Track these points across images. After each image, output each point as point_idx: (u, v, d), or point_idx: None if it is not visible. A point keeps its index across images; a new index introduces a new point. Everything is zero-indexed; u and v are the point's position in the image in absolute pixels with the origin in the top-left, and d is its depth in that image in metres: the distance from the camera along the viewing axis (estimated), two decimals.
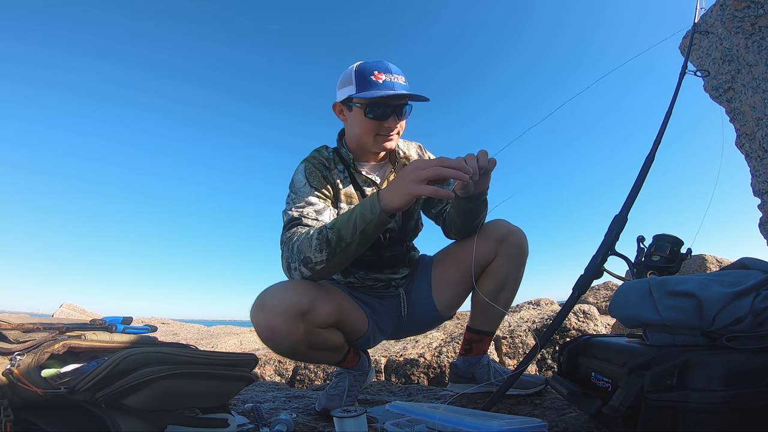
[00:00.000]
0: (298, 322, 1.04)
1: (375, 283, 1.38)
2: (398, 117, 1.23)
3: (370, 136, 1.24)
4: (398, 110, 1.22)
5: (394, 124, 1.22)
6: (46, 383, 0.79)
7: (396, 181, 0.97)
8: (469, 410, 1.00)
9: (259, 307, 1.05)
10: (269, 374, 2.75)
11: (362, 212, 0.99)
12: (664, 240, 1.11)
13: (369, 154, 1.33)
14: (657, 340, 0.82)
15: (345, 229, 1.00)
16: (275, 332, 1.04)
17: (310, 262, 1.04)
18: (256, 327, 1.06)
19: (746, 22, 1.81)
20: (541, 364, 2.53)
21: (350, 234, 0.99)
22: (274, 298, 1.05)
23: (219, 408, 1.02)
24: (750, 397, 0.67)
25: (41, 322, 1.03)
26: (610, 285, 4.47)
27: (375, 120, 1.21)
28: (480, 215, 1.26)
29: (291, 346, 1.07)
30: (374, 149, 1.28)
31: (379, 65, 1.20)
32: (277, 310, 1.03)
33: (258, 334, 1.07)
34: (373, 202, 0.98)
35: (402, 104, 1.23)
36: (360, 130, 1.24)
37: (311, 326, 1.08)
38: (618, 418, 0.74)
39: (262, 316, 1.04)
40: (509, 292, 1.34)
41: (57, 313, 6.05)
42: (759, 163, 1.91)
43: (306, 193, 1.20)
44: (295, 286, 1.07)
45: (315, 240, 1.02)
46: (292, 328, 1.04)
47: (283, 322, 1.03)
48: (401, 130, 1.29)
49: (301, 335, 1.06)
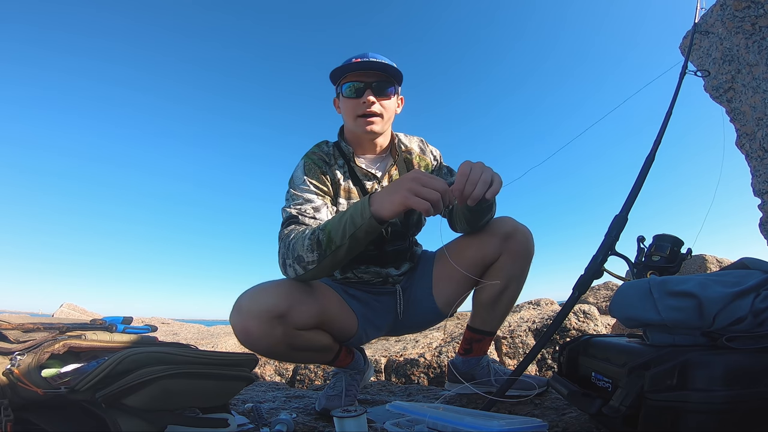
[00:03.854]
0: (274, 324, 1.04)
1: (372, 278, 1.36)
2: (375, 93, 1.21)
3: (351, 117, 1.24)
4: (374, 87, 1.21)
5: (369, 99, 1.20)
6: (46, 383, 0.79)
7: (391, 188, 0.95)
8: (469, 410, 1.00)
9: (236, 310, 1.06)
10: (269, 374, 2.75)
11: (353, 216, 0.97)
12: (664, 240, 1.11)
13: (366, 145, 1.32)
14: (657, 340, 0.82)
15: (335, 231, 0.99)
16: (250, 335, 1.04)
17: (303, 261, 1.03)
18: (233, 329, 1.07)
19: (746, 22, 1.81)
20: (541, 364, 2.53)
21: (340, 237, 0.98)
22: (250, 301, 1.05)
23: (219, 408, 1.02)
24: (750, 397, 0.67)
25: (41, 321, 1.03)
26: (610, 285, 4.46)
27: (351, 98, 1.22)
28: (486, 216, 1.25)
29: (269, 348, 1.07)
30: (358, 131, 1.26)
31: (360, 54, 1.24)
32: (252, 314, 1.03)
33: (236, 337, 1.07)
34: (363, 207, 0.96)
35: (378, 81, 1.22)
36: (345, 114, 1.27)
37: (289, 329, 1.07)
38: (618, 418, 0.74)
39: (238, 319, 1.05)
40: (512, 293, 1.32)
41: (57, 313, 6.05)
42: (759, 163, 1.91)
43: (304, 190, 1.20)
44: (276, 289, 1.07)
45: (308, 240, 1.02)
46: (269, 330, 1.04)
47: (258, 325, 1.03)
48: (385, 113, 1.25)
49: (278, 338, 1.06)
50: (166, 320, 5.96)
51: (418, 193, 0.90)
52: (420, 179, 0.91)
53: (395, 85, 1.27)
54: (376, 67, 1.21)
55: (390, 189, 0.95)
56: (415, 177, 0.92)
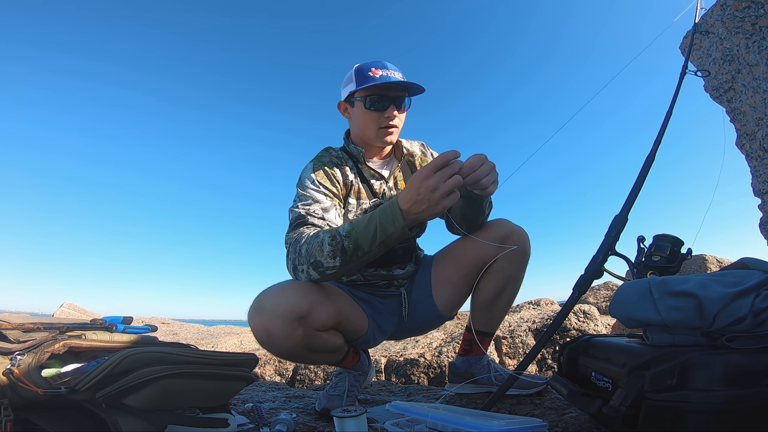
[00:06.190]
0: (296, 325, 1.03)
1: (378, 281, 1.37)
2: (397, 108, 1.26)
3: (372, 128, 1.27)
4: (397, 101, 1.26)
5: (393, 115, 1.25)
6: (46, 383, 0.79)
7: (420, 194, 0.90)
8: (469, 410, 1.00)
9: (257, 310, 1.04)
10: (269, 374, 2.75)
11: (383, 223, 0.95)
12: (664, 240, 1.11)
13: (374, 150, 1.35)
14: (657, 340, 0.82)
15: (363, 238, 0.97)
16: (273, 336, 1.03)
17: (321, 266, 1.01)
18: (253, 330, 1.05)
19: (747, 22, 1.81)
20: (541, 364, 2.53)
21: (369, 244, 0.97)
22: (272, 301, 1.04)
23: (219, 408, 1.02)
24: (750, 397, 0.67)
25: (41, 321, 1.03)
26: (610, 285, 4.46)
27: (375, 111, 1.25)
28: (485, 210, 1.27)
29: (289, 350, 1.07)
30: (377, 142, 1.30)
31: (376, 63, 1.26)
32: (275, 314, 1.02)
33: (255, 338, 1.06)
34: (395, 215, 0.93)
35: (400, 96, 1.26)
36: (363, 123, 1.28)
37: (309, 329, 1.06)
38: (618, 418, 0.74)
39: (259, 320, 1.03)
40: (510, 294, 1.34)
41: (57, 312, 6.05)
42: (759, 163, 1.91)
43: (313, 191, 1.20)
44: (294, 289, 1.06)
45: (327, 246, 0.99)
46: (290, 331, 1.03)
47: (280, 325, 1.02)
48: (401, 125, 1.31)
49: (299, 339, 1.05)
50: (166, 320, 5.96)
51: (448, 192, 0.89)
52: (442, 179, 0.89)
53: (410, 98, 1.32)
54: (402, 85, 1.25)
55: (420, 196, 0.90)
56: (437, 182, 0.89)
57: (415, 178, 0.91)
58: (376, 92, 1.24)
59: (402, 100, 1.27)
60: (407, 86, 1.26)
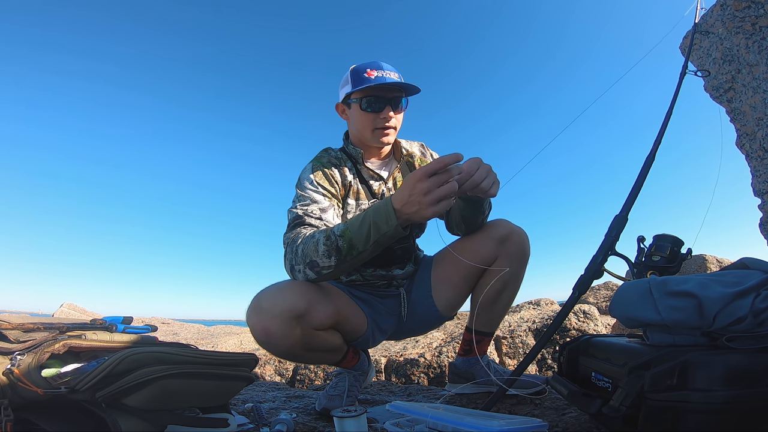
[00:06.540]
0: (294, 324, 1.03)
1: (377, 281, 1.37)
2: (393, 109, 1.26)
3: (368, 129, 1.27)
4: (393, 102, 1.26)
5: (389, 116, 1.25)
6: (46, 383, 0.79)
7: (412, 195, 0.89)
8: (469, 410, 1.00)
9: (255, 309, 1.04)
10: (269, 374, 2.75)
11: (376, 222, 0.94)
12: (664, 240, 1.11)
13: (373, 151, 1.35)
14: (657, 340, 0.82)
15: (357, 237, 0.96)
16: (271, 335, 1.03)
17: (317, 266, 1.01)
18: (251, 330, 1.05)
19: (747, 22, 1.81)
20: (541, 364, 2.53)
21: (363, 243, 0.96)
22: (270, 300, 1.04)
23: (219, 408, 1.02)
24: (750, 397, 0.67)
25: (41, 321, 1.03)
26: (610, 285, 4.46)
27: (371, 112, 1.25)
28: (482, 214, 1.27)
29: (288, 349, 1.07)
30: (374, 143, 1.30)
31: (372, 64, 1.26)
32: (273, 313, 1.02)
33: (254, 337, 1.06)
34: (388, 214, 0.92)
35: (396, 96, 1.26)
36: (360, 124, 1.28)
37: (308, 329, 1.07)
38: (618, 418, 0.74)
39: (258, 319, 1.03)
40: (510, 294, 1.34)
41: (57, 312, 6.05)
42: (759, 163, 1.91)
43: (311, 191, 1.20)
44: (292, 288, 1.06)
45: (322, 246, 0.99)
46: (288, 330, 1.03)
47: (278, 324, 1.02)
48: (398, 125, 1.31)
49: (297, 338, 1.05)
50: (166, 320, 5.96)
51: (436, 200, 0.87)
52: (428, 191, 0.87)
53: (407, 98, 1.31)
54: (398, 85, 1.25)
55: (413, 196, 0.88)
56: (427, 189, 0.87)
57: (410, 178, 0.90)
58: (371, 93, 1.24)
59: (398, 101, 1.27)
60: (403, 87, 1.26)
